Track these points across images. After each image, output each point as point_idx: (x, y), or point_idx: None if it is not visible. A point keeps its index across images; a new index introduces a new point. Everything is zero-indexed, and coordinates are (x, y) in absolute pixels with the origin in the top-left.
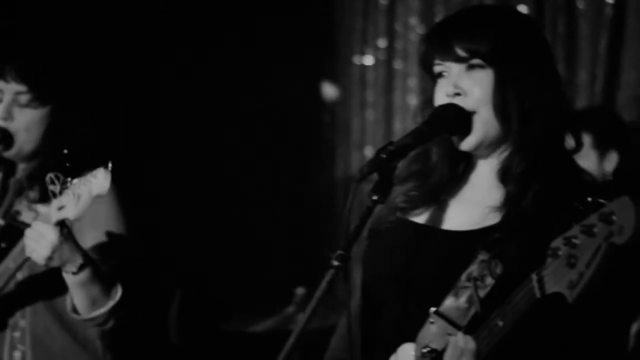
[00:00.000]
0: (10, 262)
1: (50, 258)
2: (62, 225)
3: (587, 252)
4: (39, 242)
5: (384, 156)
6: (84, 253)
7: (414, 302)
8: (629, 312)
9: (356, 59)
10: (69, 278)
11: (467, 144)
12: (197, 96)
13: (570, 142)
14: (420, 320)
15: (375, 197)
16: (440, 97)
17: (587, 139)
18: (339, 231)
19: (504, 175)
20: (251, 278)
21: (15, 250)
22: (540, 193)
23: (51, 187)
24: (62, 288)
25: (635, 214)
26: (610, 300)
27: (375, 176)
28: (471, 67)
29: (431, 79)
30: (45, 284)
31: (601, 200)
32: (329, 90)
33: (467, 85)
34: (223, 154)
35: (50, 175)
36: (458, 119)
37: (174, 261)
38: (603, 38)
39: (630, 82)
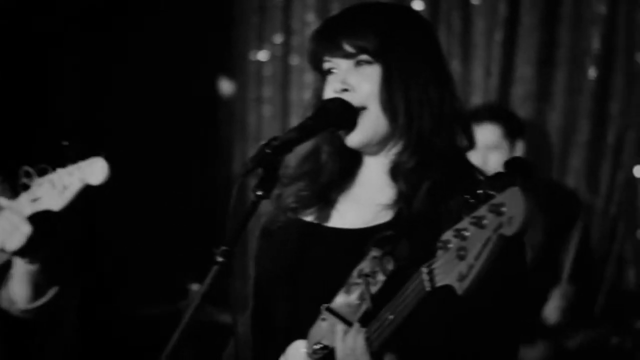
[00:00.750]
0: None
1: (22, 249)
2: (36, 217)
3: (477, 243)
4: (12, 234)
5: (268, 151)
6: (48, 243)
7: (306, 300)
8: (520, 303)
9: (252, 55)
10: (23, 267)
11: (354, 140)
12: (94, 92)
13: (462, 139)
14: (312, 317)
15: (259, 193)
16: (329, 94)
17: (497, 131)
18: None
19: (394, 172)
20: (147, 273)
21: None
22: (432, 191)
23: (24, 180)
24: None
25: (524, 205)
26: (501, 292)
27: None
28: (359, 63)
29: (321, 75)
30: None
31: (491, 192)
32: (226, 86)
33: (355, 81)
34: (121, 149)
35: (23, 168)
36: (344, 113)
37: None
38: (498, 34)
39: (525, 78)
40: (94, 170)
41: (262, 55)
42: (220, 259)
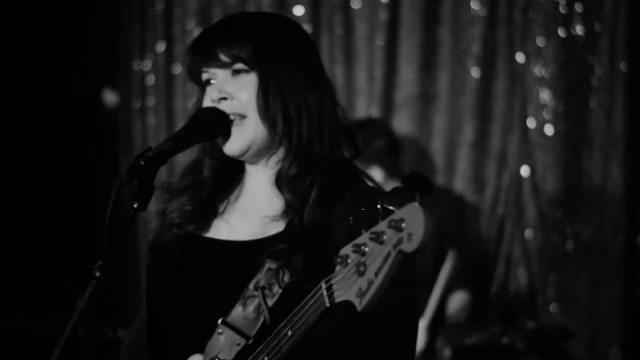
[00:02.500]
0: None
1: None
2: None
3: (378, 259)
4: None
5: (143, 163)
6: None
7: (199, 315)
8: (415, 317)
9: (136, 65)
10: None
11: (232, 148)
12: None
13: (348, 148)
14: (207, 331)
15: (135, 205)
16: (208, 104)
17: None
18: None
19: (279, 181)
20: (35, 290)
21: None
22: (320, 200)
23: None
24: None
25: (424, 222)
26: (399, 308)
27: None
28: (236, 72)
29: (200, 87)
30: None
31: (391, 207)
32: (110, 97)
33: (232, 90)
34: (7, 161)
35: None
36: (217, 123)
37: None
38: (379, 38)
39: (407, 81)
40: None
41: (145, 65)
42: (98, 274)
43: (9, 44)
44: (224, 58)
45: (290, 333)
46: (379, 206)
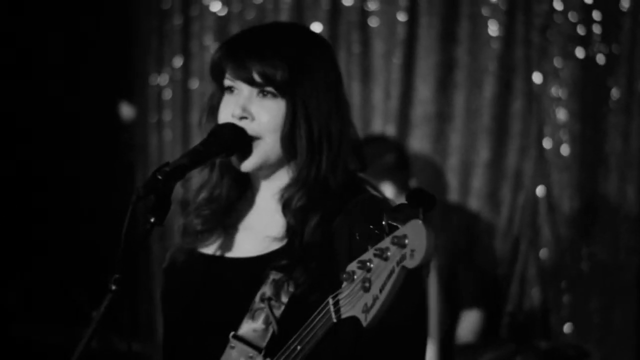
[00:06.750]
0: None
1: None
2: None
3: (382, 275)
4: None
5: (160, 177)
6: None
7: (212, 331)
8: (421, 328)
9: (152, 79)
10: None
11: (246, 166)
12: None
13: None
14: (221, 346)
15: (152, 219)
16: (225, 115)
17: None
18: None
19: (285, 208)
20: (48, 299)
21: None
22: (321, 221)
23: None
24: None
25: (426, 238)
26: (405, 323)
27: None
28: (264, 93)
29: (218, 87)
30: None
31: (394, 223)
32: (126, 110)
33: (256, 111)
34: (23, 173)
35: None
36: (236, 140)
37: None
38: (396, 56)
39: (423, 100)
40: None
41: (162, 79)
42: (113, 287)
43: (25, 57)
44: (255, 76)
45: (299, 347)
46: (383, 222)
